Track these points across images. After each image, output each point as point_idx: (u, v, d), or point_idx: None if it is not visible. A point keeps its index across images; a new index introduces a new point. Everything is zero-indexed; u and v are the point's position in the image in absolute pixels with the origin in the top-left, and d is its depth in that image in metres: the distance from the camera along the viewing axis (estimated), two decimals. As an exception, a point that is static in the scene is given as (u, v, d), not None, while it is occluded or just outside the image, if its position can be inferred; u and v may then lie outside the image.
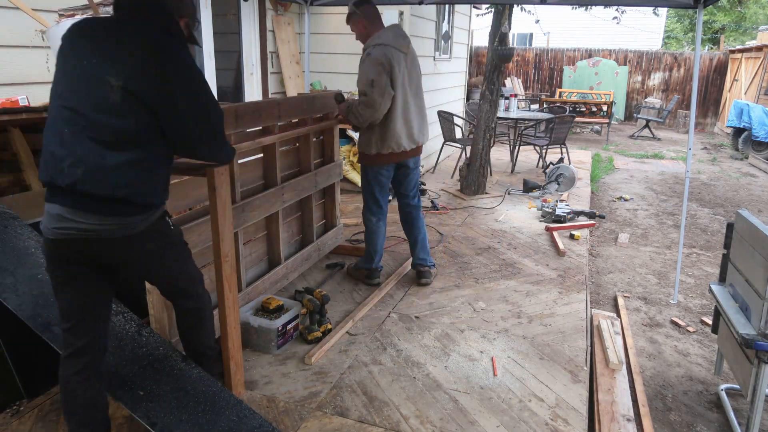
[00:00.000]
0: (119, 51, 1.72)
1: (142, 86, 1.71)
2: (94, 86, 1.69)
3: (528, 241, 4.74)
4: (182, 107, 1.78)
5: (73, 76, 1.72)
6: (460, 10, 8.89)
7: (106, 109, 1.69)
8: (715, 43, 21.91)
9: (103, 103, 1.69)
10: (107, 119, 1.69)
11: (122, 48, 1.72)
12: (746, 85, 11.85)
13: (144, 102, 1.71)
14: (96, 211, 1.72)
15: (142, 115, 1.72)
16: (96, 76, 1.69)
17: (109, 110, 1.69)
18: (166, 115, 1.76)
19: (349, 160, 6.07)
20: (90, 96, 1.70)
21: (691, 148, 3.95)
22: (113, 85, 1.68)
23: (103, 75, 1.68)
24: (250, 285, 3.12)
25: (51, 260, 1.83)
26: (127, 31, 1.75)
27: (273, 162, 3.24)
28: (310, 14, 5.42)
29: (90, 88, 1.70)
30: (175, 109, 1.77)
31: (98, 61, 1.70)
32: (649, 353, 3.46)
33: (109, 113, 1.69)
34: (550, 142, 7.38)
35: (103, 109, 1.69)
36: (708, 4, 3.90)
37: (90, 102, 1.69)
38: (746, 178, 8.66)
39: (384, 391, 2.56)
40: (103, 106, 1.69)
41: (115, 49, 1.72)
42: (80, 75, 1.71)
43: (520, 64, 14.85)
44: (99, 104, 1.69)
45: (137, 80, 1.70)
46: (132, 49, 1.72)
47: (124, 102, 1.69)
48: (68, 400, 1.91)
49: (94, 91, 1.69)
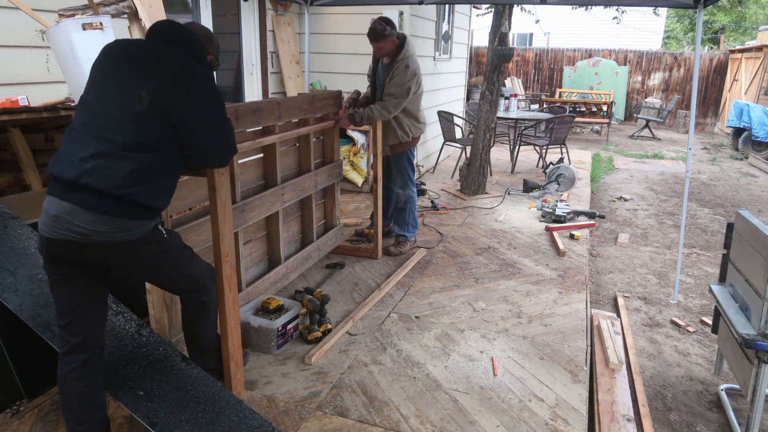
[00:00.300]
0: (152, 69, 1.87)
1: (170, 103, 1.85)
2: (122, 95, 1.82)
3: (528, 241, 4.74)
4: (204, 123, 1.93)
5: (104, 86, 1.86)
6: (460, 10, 8.89)
7: (129, 117, 1.81)
8: (715, 43, 21.91)
9: (128, 110, 1.81)
10: (128, 125, 1.80)
11: (155, 67, 1.87)
12: (746, 85, 11.85)
13: (168, 116, 1.85)
14: (94, 208, 1.74)
15: (162, 127, 1.85)
16: (126, 87, 1.83)
17: (132, 118, 1.81)
18: (187, 129, 1.89)
19: (349, 160, 6.07)
20: (116, 103, 1.82)
21: (691, 148, 3.95)
22: (142, 96, 1.80)
23: (133, 87, 1.82)
24: (250, 285, 3.12)
25: (46, 258, 1.87)
26: (160, 52, 1.91)
27: (273, 162, 3.24)
28: (310, 14, 5.42)
29: (117, 97, 1.82)
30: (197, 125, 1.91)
31: (130, 75, 1.85)
32: (649, 353, 3.46)
33: (131, 120, 1.81)
34: (550, 142, 7.38)
35: (126, 116, 1.80)
36: (708, 4, 3.91)
37: (115, 108, 1.81)
38: (746, 178, 8.67)
39: (384, 391, 2.56)
40: (127, 113, 1.81)
41: (148, 66, 1.87)
42: (111, 85, 1.85)
43: (520, 64, 14.85)
44: (124, 111, 1.81)
45: (166, 97, 1.84)
46: (164, 69, 1.87)
47: (149, 112, 1.82)
48: (66, 398, 1.93)
49: (122, 99, 1.81)
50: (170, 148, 1.88)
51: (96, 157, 1.75)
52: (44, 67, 3.40)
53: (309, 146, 3.61)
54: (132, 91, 1.81)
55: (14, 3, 2.93)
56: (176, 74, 1.87)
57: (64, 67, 2.89)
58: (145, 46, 1.94)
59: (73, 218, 1.74)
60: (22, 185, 2.81)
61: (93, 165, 1.74)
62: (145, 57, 1.89)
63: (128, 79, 1.84)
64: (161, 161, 1.86)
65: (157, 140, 1.83)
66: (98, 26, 2.86)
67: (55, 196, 1.76)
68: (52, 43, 2.90)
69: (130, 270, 2.03)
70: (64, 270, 1.86)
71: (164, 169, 1.88)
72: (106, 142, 1.77)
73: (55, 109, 2.78)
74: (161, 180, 1.88)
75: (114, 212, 1.76)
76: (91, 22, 2.84)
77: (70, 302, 1.89)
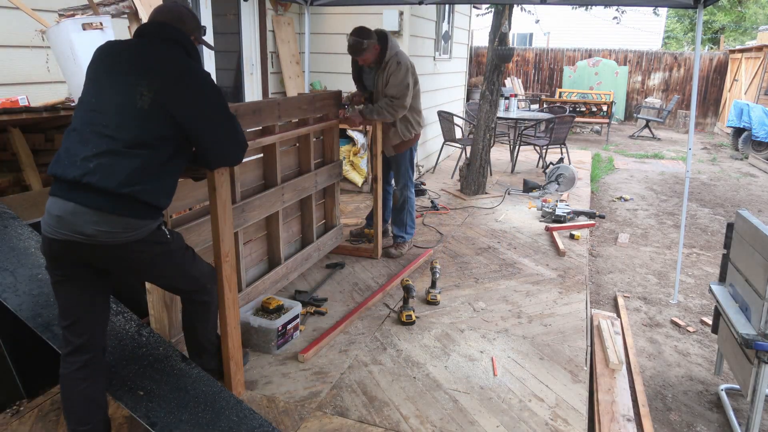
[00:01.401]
0: (150, 67, 1.87)
1: (171, 100, 1.85)
2: (123, 92, 1.81)
3: (528, 241, 4.74)
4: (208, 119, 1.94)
5: (102, 83, 1.85)
6: (460, 10, 8.89)
7: (131, 113, 1.80)
8: (715, 43, 21.91)
9: (130, 107, 1.80)
10: (130, 122, 1.80)
11: (153, 65, 1.87)
12: (746, 85, 11.85)
13: (170, 113, 1.84)
14: (99, 207, 1.74)
15: (164, 125, 1.84)
16: (126, 84, 1.82)
17: (134, 114, 1.80)
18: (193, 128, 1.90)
19: (349, 160, 6.07)
20: (117, 100, 1.81)
21: (691, 148, 3.95)
22: (144, 93, 1.80)
23: (133, 84, 1.81)
24: (250, 285, 3.12)
25: (49, 258, 1.86)
26: (157, 52, 1.91)
27: (273, 162, 3.24)
28: (310, 14, 5.42)
29: (117, 93, 1.82)
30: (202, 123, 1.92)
31: (129, 73, 1.84)
32: (649, 353, 3.46)
33: (132, 117, 1.80)
34: (550, 142, 7.38)
35: (128, 112, 1.80)
36: (708, 4, 3.91)
37: (115, 105, 1.80)
38: (746, 178, 8.67)
39: (384, 391, 2.56)
40: (128, 110, 1.80)
41: (147, 65, 1.87)
42: (110, 84, 1.84)
43: (520, 64, 14.84)
44: (125, 107, 1.80)
45: (167, 94, 1.84)
46: (163, 68, 1.88)
47: (151, 109, 1.82)
48: (68, 398, 1.92)
49: (122, 96, 1.81)
50: (172, 145, 1.88)
51: (99, 156, 1.75)
52: (44, 67, 3.40)
53: (309, 146, 3.61)
54: (133, 89, 1.81)
55: (14, 3, 2.93)
56: (175, 73, 1.88)
57: (64, 67, 2.89)
58: (140, 45, 1.93)
59: (78, 219, 1.74)
60: (22, 185, 2.81)
61: (96, 164, 1.74)
62: (142, 55, 1.89)
63: (128, 78, 1.83)
64: (163, 159, 1.86)
65: (159, 137, 1.83)
66: (98, 26, 2.86)
67: (58, 196, 1.76)
68: (52, 43, 2.90)
69: (133, 270, 2.03)
70: (67, 271, 1.86)
71: (166, 166, 1.88)
72: (109, 140, 1.77)
73: (55, 109, 2.78)
74: (164, 178, 1.88)
75: (119, 211, 1.76)
76: (91, 22, 2.84)
77: (72, 303, 1.89)
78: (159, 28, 1.97)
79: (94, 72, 1.89)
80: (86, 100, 1.86)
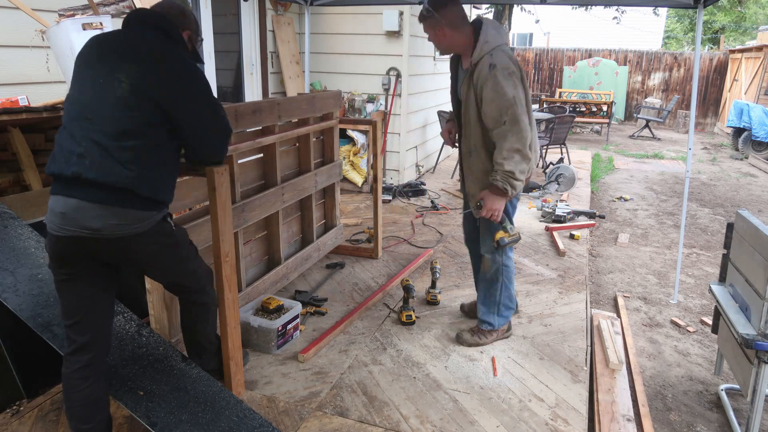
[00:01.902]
0: (126, 53, 1.85)
1: (151, 85, 1.82)
2: (104, 85, 1.80)
3: (528, 241, 4.74)
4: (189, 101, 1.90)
5: (86, 78, 1.84)
6: (460, 10, 8.87)
7: (114, 104, 1.79)
8: (715, 43, 21.91)
9: (112, 98, 1.79)
10: (114, 112, 1.79)
11: (132, 53, 1.86)
12: (746, 85, 11.85)
13: (151, 98, 1.82)
14: (101, 201, 1.75)
15: (148, 111, 1.82)
16: (106, 76, 1.81)
17: (116, 104, 1.79)
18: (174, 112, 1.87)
19: (349, 160, 6.07)
20: (99, 93, 1.80)
21: (691, 148, 3.94)
22: (122, 81, 1.79)
23: (113, 74, 1.80)
24: (250, 285, 3.12)
25: (54, 257, 1.86)
26: (136, 39, 1.90)
27: (273, 162, 3.24)
28: (310, 14, 5.42)
29: (100, 87, 1.81)
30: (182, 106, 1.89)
31: (109, 64, 1.84)
32: (649, 353, 3.46)
33: (113, 106, 1.79)
34: (550, 142, 7.38)
35: (111, 103, 1.79)
36: (708, 4, 3.90)
37: (99, 98, 1.80)
38: (746, 178, 8.67)
39: (384, 391, 2.56)
40: (108, 100, 1.79)
41: (125, 54, 1.85)
42: (92, 77, 1.83)
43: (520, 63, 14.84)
44: (104, 98, 1.79)
45: (146, 79, 1.82)
46: (141, 54, 1.86)
47: (131, 96, 1.80)
48: (70, 398, 1.92)
49: (105, 89, 1.80)
50: (159, 132, 1.85)
51: (89, 150, 1.75)
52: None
53: (309, 146, 3.61)
54: (111, 77, 1.80)
55: (14, 3, 2.93)
56: (153, 56, 1.86)
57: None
58: (118, 34, 1.93)
59: (83, 214, 1.74)
60: (22, 185, 2.81)
61: (90, 160, 1.74)
62: (118, 43, 1.88)
63: (106, 67, 1.82)
64: (153, 146, 1.84)
65: (145, 124, 1.81)
66: (98, 26, 2.86)
67: (59, 194, 1.77)
68: (52, 43, 2.90)
69: (139, 263, 2.02)
70: (72, 269, 1.85)
71: (159, 154, 1.86)
72: (95, 133, 1.76)
73: (55, 109, 2.78)
74: (159, 168, 1.87)
75: (122, 204, 1.77)
76: (91, 22, 2.84)
77: (77, 301, 1.88)
78: (144, 17, 1.96)
79: (78, 66, 1.89)
80: (71, 95, 1.86)
